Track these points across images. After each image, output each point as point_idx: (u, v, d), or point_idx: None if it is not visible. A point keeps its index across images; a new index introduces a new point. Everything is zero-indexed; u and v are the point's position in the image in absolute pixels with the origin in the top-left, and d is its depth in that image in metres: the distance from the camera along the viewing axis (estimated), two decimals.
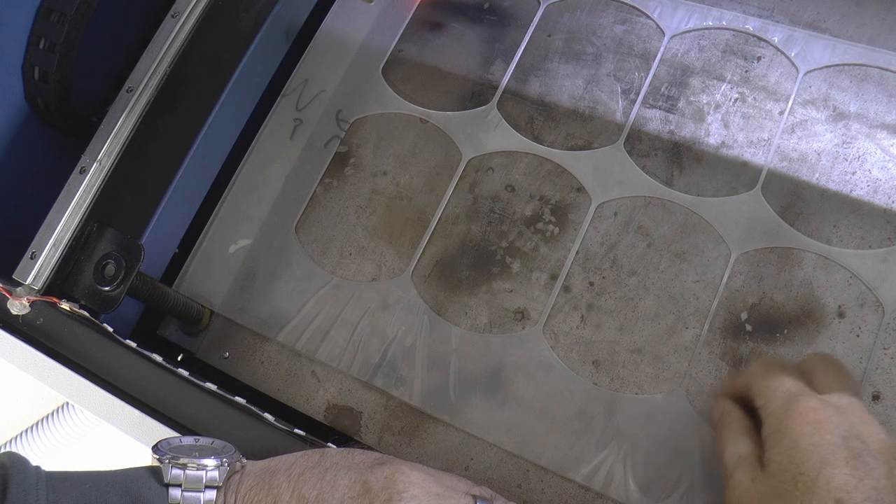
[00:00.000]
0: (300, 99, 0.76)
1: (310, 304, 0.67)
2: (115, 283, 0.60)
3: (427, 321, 0.64)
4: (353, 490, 0.42)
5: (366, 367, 0.64)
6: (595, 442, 0.57)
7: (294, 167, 0.73)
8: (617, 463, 0.56)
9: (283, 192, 0.73)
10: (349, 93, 0.75)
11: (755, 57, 0.65)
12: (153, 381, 0.54)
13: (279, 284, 0.69)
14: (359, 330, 0.65)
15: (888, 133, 0.60)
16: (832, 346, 0.55)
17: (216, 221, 0.73)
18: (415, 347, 0.63)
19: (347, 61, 0.76)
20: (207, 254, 0.72)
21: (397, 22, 0.77)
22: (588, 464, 0.56)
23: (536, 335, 0.61)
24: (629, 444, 0.56)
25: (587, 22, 0.71)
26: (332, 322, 0.66)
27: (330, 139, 0.73)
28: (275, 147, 0.75)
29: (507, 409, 0.60)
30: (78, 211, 0.61)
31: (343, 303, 0.66)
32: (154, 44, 0.66)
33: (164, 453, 0.43)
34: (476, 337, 0.62)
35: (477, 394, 0.61)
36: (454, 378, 0.62)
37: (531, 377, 0.60)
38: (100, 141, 0.63)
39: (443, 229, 0.67)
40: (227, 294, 0.70)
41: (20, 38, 0.66)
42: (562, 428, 0.58)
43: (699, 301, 0.59)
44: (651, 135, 0.65)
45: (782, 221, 0.59)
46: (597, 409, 0.58)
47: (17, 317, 0.57)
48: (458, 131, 0.70)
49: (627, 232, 0.63)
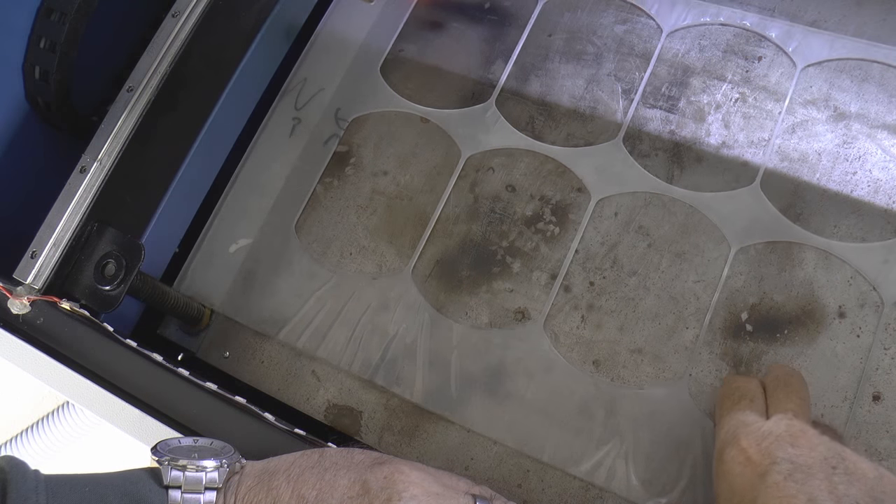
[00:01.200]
0: (299, 98, 0.76)
1: (310, 302, 0.67)
2: (116, 282, 0.60)
3: (428, 319, 0.64)
4: (353, 490, 0.42)
5: (366, 365, 0.64)
6: (597, 438, 0.57)
7: (294, 166, 0.73)
8: (619, 458, 0.56)
9: (282, 191, 0.73)
10: (348, 91, 0.75)
11: (756, 57, 0.65)
12: (153, 381, 0.54)
13: (279, 283, 0.69)
14: (359, 328, 0.65)
15: (889, 133, 0.60)
16: (832, 346, 0.55)
17: (216, 221, 0.74)
18: (416, 345, 0.63)
19: (347, 60, 0.76)
20: (207, 253, 0.72)
21: (397, 21, 0.77)
22: (590, 459, 0.56)
23: (537, 332, 0.61)
24: (631, 439, 0.56)
25: (587, 21, 0.71)
26: (332, 320, 0.66)
27: (329, 137, 0.73)
28: (274, 146, 0.75)
29: (508, 405, 0.60)
30: (78, 210, 0.61)
31: (343, 301, 0.66)
32: (154, 44, 0.66)
33: (164, 455, 0.43)
34: (477, 334, 0.62)
35: (478, 391, 0.61)
36: (455, 375, 0.62)
37: (532, 375, 0.60)
38: (100, 140, 0.63)
39: (443, 229, 0.67)
40: (227, 293, 0.70)
41: (21, 37, 0.66)
42: (563, 424, 0.58)
43: (699, 301, 0.59)
44: (651, 135, 0.65)
45: (782, 217, 0.59)
46: (598, 405, 0.58)
47: (17, 316, 0.57)
48: (458, 130, 0.70)
49: (628, 232, 0.63)
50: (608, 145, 0.66)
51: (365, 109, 0.74)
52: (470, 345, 0.62)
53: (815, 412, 0.54)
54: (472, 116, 0.70)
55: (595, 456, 0.57)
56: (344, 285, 0.67)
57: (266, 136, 0.76)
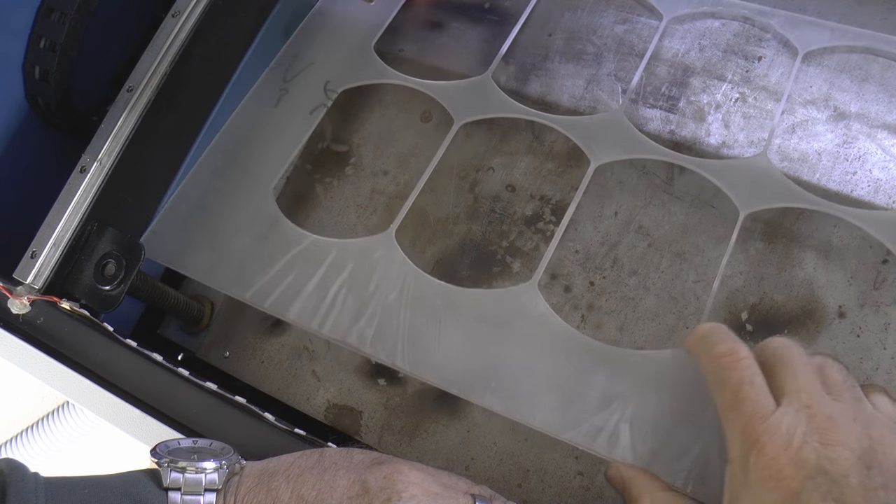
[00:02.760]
0: (288, 72, 0.74)
1: (283, 262, 0.62)
2: (116, 282, 0.60)
3: (413, 279, 0.59)
4: (352, 490, 0.42)
5: (338, 325, 0.58)
6: (597, 401, 0.52)
7: (276, 133, 0.70)
8: (623, 422, 0.51)
9: (261, 157, 0.69)
10: (339, 66, 0.72)
11: (756, 57, 0.65)
12: (153, 381, 0.54)
13: (247, 244, 0.64)
14: (335, 288, 0.60)
15: (889, 133, 0.60)
16: (832, 346, 0.55)
17: (189, 178, 0.69)
18: (398, 305, 0.58)
19: (340, 37, 0.74)
20: (175, 210, 0.68)
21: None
22: (585, 423, 0.51)
23: (531, 290, 0.57)
24: (635, 402, 0.51)
25: (587, 21, 0.71)
26: (306, 281, 0.61)
27: (316, 107, 0.71)
28: (257, 114, 0.71)
29: (497, 368, 0.54)
30: (78, 210, 0.61)
31: (320, 262, 0.62)
32: (154, 43, 0.66)
33: (163, 457, 0.43)
34: (465, 294, 0.58)
35: (464, 353, 0.55)
36: (439, 339, 0.56)
37: (525, 335, 0.55)
38: (100, 140, 0.63)
39: (443, 229, 0.67)
40: (196, 258, 0.65)
41: (21, 37, 0.66)
42: (557, 389, 0.53)
43: (700, 301, 0.59)
44: (651, 134, 0.65)
45: (790, 181, 0.57)
46: (587, 361, 0.53)
47: (17, 316, 0.57)
48: (452, 101, 0.67)
49: (628, 232, 0.63)
50: (610, 114, 0.65)
51: (356, 81, 0.71)
52: (457, 304, 0.57)
53: None
54: (469, 88, 0.68)
55: (594, 421, 0.51)
56: (321, 244, 0.63)
57: (249, 104, 0.72)
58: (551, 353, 0.54)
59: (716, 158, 0.60)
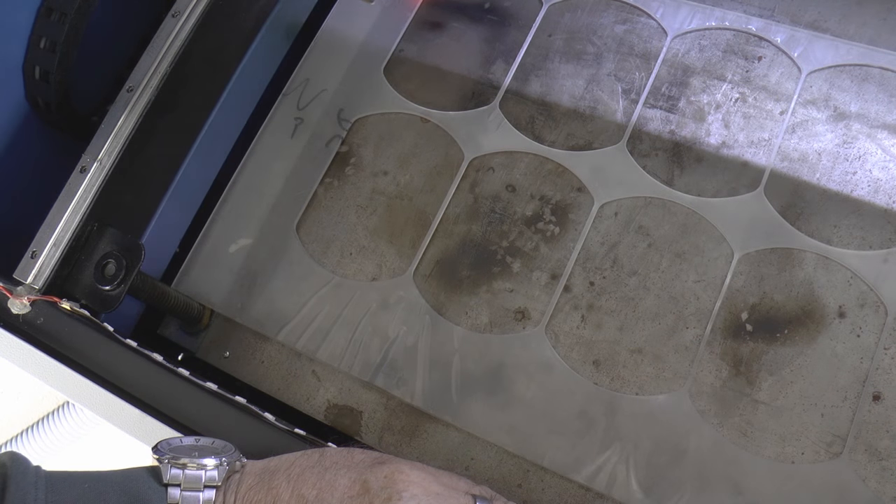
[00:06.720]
0: (301, 98, 0.76)
1: (310, 303, 0.67)
2: (116, 282, 0.60)
3: (429, 321, 0.64)
4: (353, 489, 0.42)
5: (367, 367, 0.64)
6: (598, 443, 0.57)
7: (295, 166, 0.73)
8: (620, 464, 0.56)
9: (283, 192, 0.73)
10: (350, 92, 0.75)
11: (756, 57, 0.65)
12: (153, 381, 0.54)
13: (279, 284, 0.69)
14: (360, 330, 0.65)
15: (889, 133, 0.60)
16: (832, 346, 0.55)
17: (216, 220, 0.73)
18: (416, 347, 0.63)
19: (349, 61, 0.76)
20: (207, 253, 0.72)
21: (398, 22, 0.77)
22: (591, 465, 0.56)
23: (538, 336, 0.61)
24: (632, 444, 0.56)
25: (588, 22, 0.71)
26: (332, 322, 0.66)
27: (331, 139, 0.73)
28: (276, 146, 0.74)
29: (509, 409, 0.60)
30: (78, 210, 0.61)
31: (344, 302, 0.66)
32: (154, 44, 0.66)
33: (164, 453, 0.43)
34: (477, 337, 0.62)
35: (479, 394, 0.61)
36: (456, 378, 0.62)
37: (532, 378, 0.60)
38: (100, 140, 0.63)
39: (443, 229, 0.67)
40: (227, 293, 0.70)
41: (21, 37, 0.66)
42: (563, 428, 0.58)
43: (700, 301, 0.59)
44: (652, 135, 0.65)
45: (784, 221, 0.59)
46: (598, 409, 0.58)
47: (17, 316, 0.57)
48: (460, 131, 0.70)
49: (628, 232, 0.63)
50: (609, 146, 0.66)
51: (368, 111, 0.74)
52: (471, 346, 0.62)
53: (815, 412, 0.54)
54: (475, 119, 0.70)
55: (596, 461, 0.56)
56: (344, 285, 0.67)
57: (267, 136, 0.75)
58: (557, 396, 0.59)
59: (713, 197, 0.62)
